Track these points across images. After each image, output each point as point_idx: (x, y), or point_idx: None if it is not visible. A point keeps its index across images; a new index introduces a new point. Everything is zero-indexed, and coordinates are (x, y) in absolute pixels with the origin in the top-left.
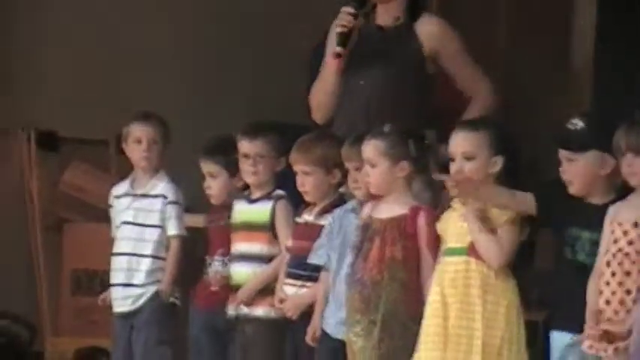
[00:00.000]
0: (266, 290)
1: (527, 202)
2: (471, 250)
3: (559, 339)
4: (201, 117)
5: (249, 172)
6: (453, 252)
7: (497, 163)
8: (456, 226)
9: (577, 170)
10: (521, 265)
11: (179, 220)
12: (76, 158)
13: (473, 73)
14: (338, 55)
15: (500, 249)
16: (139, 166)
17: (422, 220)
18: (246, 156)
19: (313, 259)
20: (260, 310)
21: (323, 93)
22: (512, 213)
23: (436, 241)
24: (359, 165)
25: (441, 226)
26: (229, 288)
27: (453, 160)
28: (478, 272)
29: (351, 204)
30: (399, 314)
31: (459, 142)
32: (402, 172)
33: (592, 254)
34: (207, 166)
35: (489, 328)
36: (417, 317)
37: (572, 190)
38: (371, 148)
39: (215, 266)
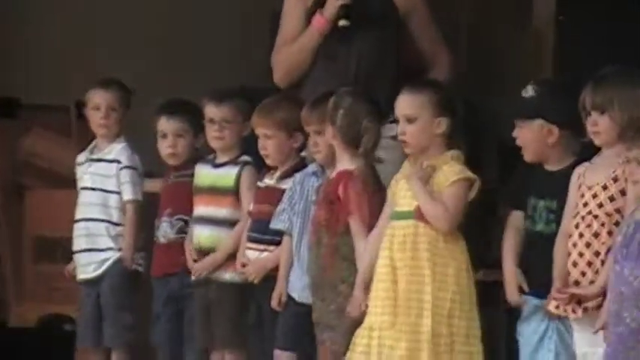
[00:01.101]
0: (231, 255)
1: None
2: (418, 214)
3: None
4: (168, 85)
5: (214, 137)
6: (400, 216)
7: (442, 125)
8: (404, 188)
9: (525, 137)
10: (481, 227)
11: (134, 185)
12: (37, 125)
13: (436, 41)
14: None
15: (446, 212)
16: (98, 133)
17: (345, 185)
18: (211, 121)
19: (276, 224)
20: (226, 275)
21: (303, 57)
22: (457, 176)
23: (362, 206)
24: (319, 128)
25: (391, 189)
26: (178, 250)
27: (398, 122)
28: (426, 236)
29: (311, 167)
30: (326, 277)
31: (401, 105)
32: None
33: (549, 221)
34: (174, 124)
35: (439, 290)
36: (349, 279)
37: (525, 156)
38: (410, 101)
39: (163, 228)
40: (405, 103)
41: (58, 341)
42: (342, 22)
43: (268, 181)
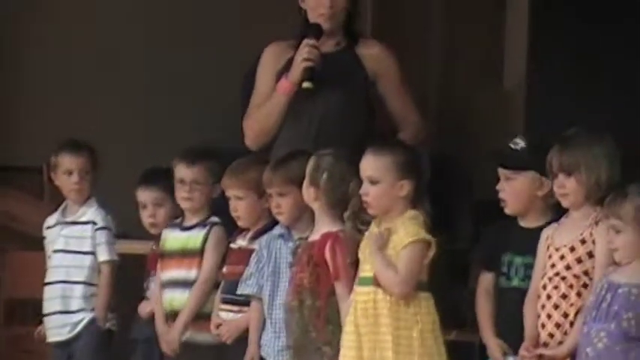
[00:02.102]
0: (202, 316)
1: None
2: (377, 280)
3: None
4: (138, 143)
5: (184, 198)
6: (363, 281)
7: (404, 187)
8: (367, 253)
9: (514, 189)
10: (454, 287)
11: (109, 246)
12: (9, 187)
13: (407, 103)
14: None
15: (397, 277)
16: (70, 197)
17: (329, 247)
18: (182, 182)
19: (244, 290)
20: (198, 336)
21: (271, 120)
22: (410, 238)
23: (345, 269)
24: (281, 190)
25: (361, 253)
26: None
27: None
28: (385, 302)
29: (277, 229)
30: (311, 340)
31: (364, 166)
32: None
33: (526, 278)
34: (152, 194)
35: (405, 354)
36: (333, 342)
37: (507, 209)
38: (373, 162)
39: (153, 288)
40: (369, 165)
41: None
42: (305, 85)
43: (241, 242)
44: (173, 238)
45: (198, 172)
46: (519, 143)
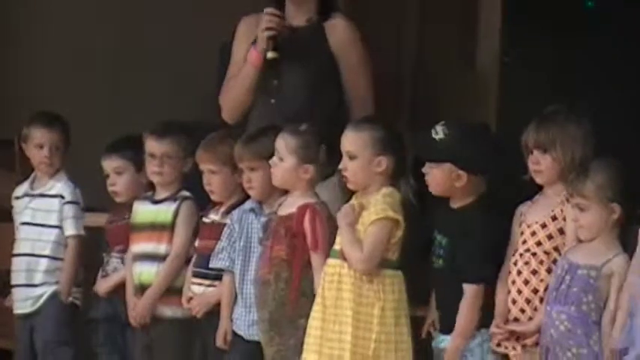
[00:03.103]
0: (172, 290)
1: (350, 255)
2: (342, 253)
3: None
4: (113, 117)
5: (154, 172)
6: (333, 254)
7: (382, 163)
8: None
9: (434, 177)
10: (417, 263)
11: (76, 220)
12: None
13: (360, 87)
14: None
15: (360, 253)
16: (40, 170)
17: (307, 219)
18: (152, 155)
19: (216, 263)
20: (167, 311)
21: (242, 92)
22: (377, 215)
23: (324, 240)
24: (251, 165)
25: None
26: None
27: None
28: (349, 276)
29: (249, 204)
30: (286, 313)
31: (344, 141)
32: (306, 174)
33: (438, 257)
34: (112, 162)
35: (364, 330)
36: (309, 315)
37: (432, 190)
38: (282, 143)
39: (113, 263)
40: (347, 140)
41: None
42: (270, 55)
43: (214, 216)
44: (143, 212)
45: (168, 145)
46: (439, 133)
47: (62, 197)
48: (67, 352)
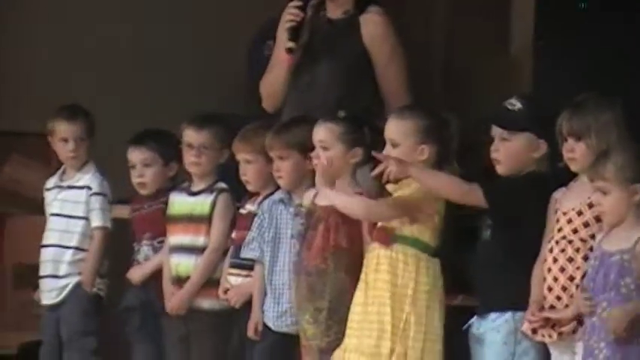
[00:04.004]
0: (209, 282)
1: (472, 192)
2: (375, 236)
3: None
4: (145, 111)
5: (192, 163)
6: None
7: (424, 152)
8: None
9: (509, 150)
10: (461, 251)
11: (103, 212)
12: (16, 151)
13: (394, 82)
14: (290, 50)
15: (362, 201)
16: (67, 163)
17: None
18: (190, 146)
19: (246, 253)
20: (205, 302)
21: (274, 85)
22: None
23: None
24: (280, 154)
25: None
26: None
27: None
28: (386, 257)
29: (278, 194)
30: (346, 301)
31: (387, 128)
32: (354, 158)
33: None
34: (140, 154)
35: (398, 311)
36: None
37: (500, 169)
38: (325, 131)
39: (144, 252)
40: (390, 128)
41: None
42: (287, 45)
43: (250, 207)
44: (180, 203)
45: (206, 136)
46: (516, 104)
47: (89, 189)
48: (91, 342)
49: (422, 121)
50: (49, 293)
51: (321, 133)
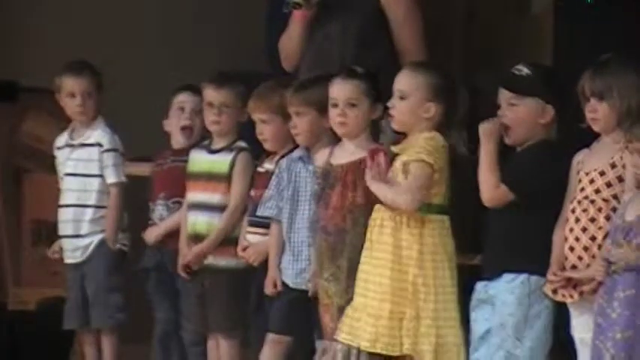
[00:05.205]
0: (227, 240)
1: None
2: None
3: None
4: (169, 68)
5: (213, 121)
6: (376, 199)
7: (430, 110)
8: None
9: (517, 115)
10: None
11: (116, 167)
12: (36, 108)
13: (410, 39)
14: (297, 5)
15: (401, 195)
16: (75, 119)
17: (381, 161)
18: (210, 105)
19: (264, 212)
20: (221, 260)
21: (289, 43)
22: (410, 157)
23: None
24: (298, 110)
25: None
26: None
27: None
28: (390, 220)
29: (297, 152)
30: None
31: (398, 79)
32: (376, 113)
33: None
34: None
35: (402, 273)
36: None
37: (509, 139)
38: (352, 88)
39: (159, 211)
40: (402, 79)
41: (58, 324)
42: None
43: (268, 165)
44: (200, 161)
45: (226, 95)
46: (523, 70)
47: (100, 145)
48: (117, 297)
49: (434, 79)
50: (73, 252)
51: (348, 90)
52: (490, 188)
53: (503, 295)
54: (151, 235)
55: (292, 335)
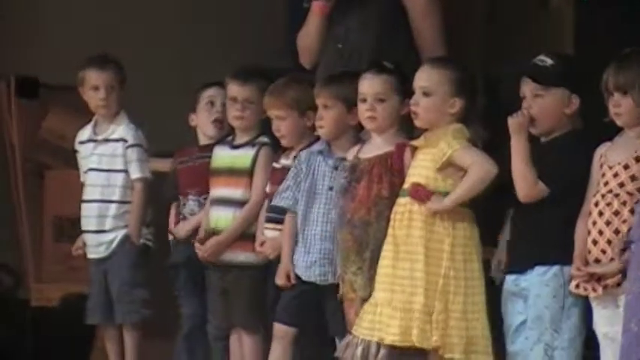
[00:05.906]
0: (245, 236)
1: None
2: (412, 192)
3: None
4: (189, 65)
5: (236, 117)
6: (402, 193)
7: (455, 105)
8: (411, 166)
9: (542, 106)
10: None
11: (141, 162)
12: (57, 104)
13: (429, 37)
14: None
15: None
16: (98, 113)
17: (408, 156)
18: (234, 100)
19: (279, 202)
20: (241, 256)
21: (308, 38)
22: (459, 143)
23: None
24: (326, 102)
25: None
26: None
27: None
28: (419, 213)
29: (317, 146)
30: None
31: (420, 76)
32: (407, 108)
33: None
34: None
35: (434, 266)
36: None
37: (535, 129)
38: (381, 83)
39: (190, 206)
40: (424, 77)
41: (81, 320)
42: None
43: (284, 161)
44: (222, 156)
45: (249, 90)
46: (546, 60)
47: (125, 141)
48: (141, 293)
49: (456, 73)
50: (96, 248)
51: (377, 85)
52: (529, 185)
53: (536, 288)
54: (182, 230)
55: (299, 327)
